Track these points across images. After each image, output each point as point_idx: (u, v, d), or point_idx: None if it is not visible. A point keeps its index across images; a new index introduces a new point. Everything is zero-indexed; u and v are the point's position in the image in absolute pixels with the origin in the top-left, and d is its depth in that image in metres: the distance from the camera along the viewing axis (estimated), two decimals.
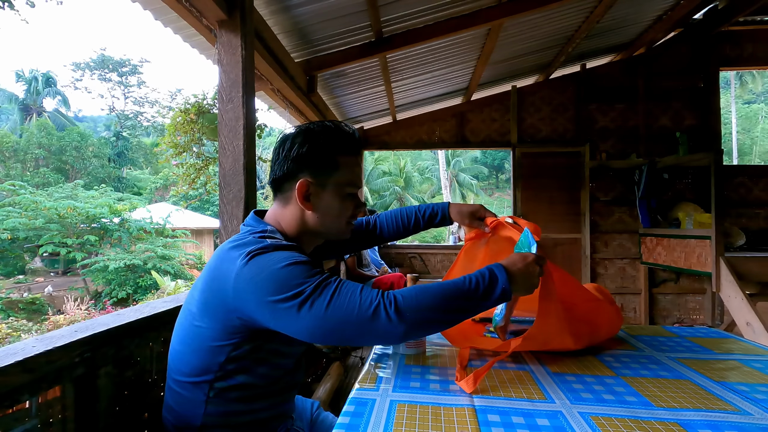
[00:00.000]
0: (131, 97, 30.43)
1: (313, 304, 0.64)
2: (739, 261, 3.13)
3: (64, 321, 7.46)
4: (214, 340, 0.74)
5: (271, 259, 0.69)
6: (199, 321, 0.76)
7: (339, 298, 0.65)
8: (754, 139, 25.05)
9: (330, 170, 0.80)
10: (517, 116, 4.47)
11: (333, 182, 0.81)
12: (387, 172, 22.59)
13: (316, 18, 2.30)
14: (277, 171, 0.81)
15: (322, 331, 0.65)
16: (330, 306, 0.64)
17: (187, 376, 0.77)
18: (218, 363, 0.75)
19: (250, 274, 0.68)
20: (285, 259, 0.69)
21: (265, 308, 0.67)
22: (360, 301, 0.64)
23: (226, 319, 0.72)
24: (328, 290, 0.66)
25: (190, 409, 0.78)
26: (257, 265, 0.69)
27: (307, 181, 0.79)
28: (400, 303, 0.64)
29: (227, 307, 0.71)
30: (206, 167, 1.97)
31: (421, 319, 0.65)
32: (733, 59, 4.23)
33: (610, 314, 0.95)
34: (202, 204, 19.33)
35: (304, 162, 0.79)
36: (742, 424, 0.58)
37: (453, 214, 1.05)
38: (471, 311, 0.69)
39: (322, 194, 0.81)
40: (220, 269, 0.74)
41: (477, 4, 2.64)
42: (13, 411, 0.70)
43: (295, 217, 0.82)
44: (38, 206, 10.30)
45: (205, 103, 1.85)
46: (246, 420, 0.80)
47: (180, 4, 1.50)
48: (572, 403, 0.64)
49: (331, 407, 1.87)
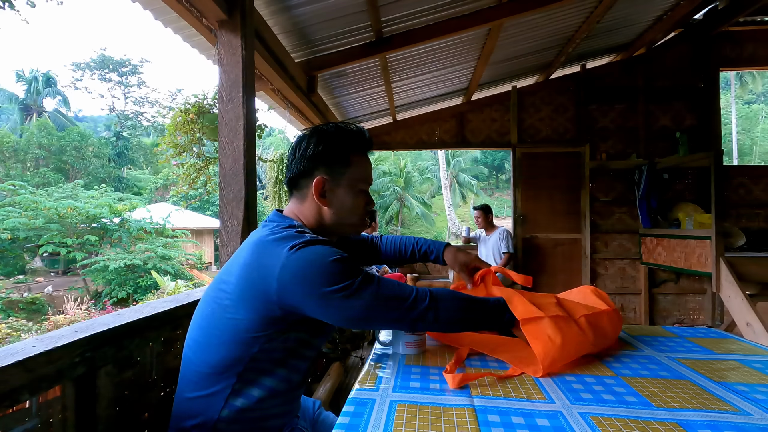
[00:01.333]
0: (131, 97, 30.46)
1: (363, 292, 0.72)
2: (739, 261, 3.13)
3: (64, 321, 7.46)
4: (250, 331, 0.75)
5: (318, 253, 0.73)
6: (233, 313, 0.76)
7: (382, 288, 0.74)
8: (754, 140, 25.06)
9: (344, 167, 0.85)
10: (517, 116, 4.47)
11: (347, 179, 0.86)
12: (387, 172, 22.59)
13: (316, 18, 2.30)
14: (294, 170, 0.86)
15: (367, 317, 0.73)
16: (378, 293, 0.73)
17: (213, 367, 0.77)
18: (251, 354, 0.76)
19: (298, 267, 0.72)
20: (332, 253, 0.74)
21: (315, 299, 0.71)
22: (400, 292, 0.75)
23: (267, 310, 0.74)
24: (373, 282, 0.74)
25: (207, 402, 0.78)
26: (304, 258, 0.73)
27: (323, 179, 0.84)
28: (434, 292, 0.77)
29: (269, 298, 0.73)
30: (206, 167, 1.97)
31: (450, 309, 0.77)
32: (733, 59, 4.23)
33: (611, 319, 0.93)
34: (202, 204, 19.32)
35: (320, 160, 0.84)
36: (742, 424, 0.58)
37: (447, 258, 1.09)
38: (485, 324, 0.82)
39: (337, 191, 0.86)
40: (260, 262, 0.75)
41: (477, 4, 2.64)
42: (13, 411, 0.70)
43: (313, 213, 0.87)
44: (38, 206, 10.31)
45: (205, 103, 1.86)
46: (257, 416, 0.80)
47: (180, 5, 1.50)
48: (572, 403, 0.64)
49: (331, 407, 1.87)
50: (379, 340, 0.94)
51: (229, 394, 0.77)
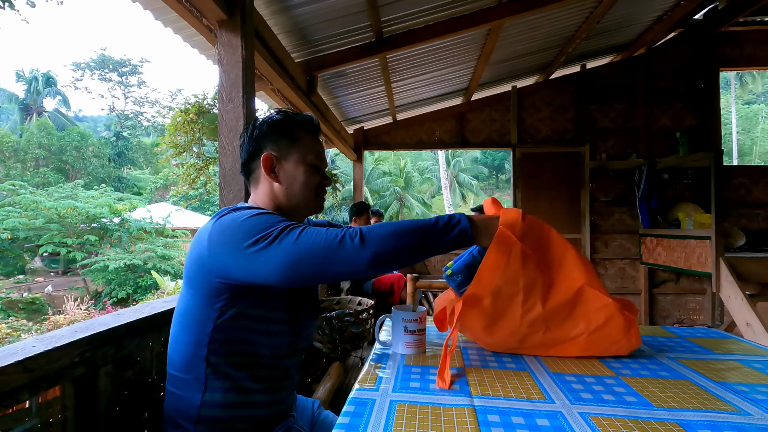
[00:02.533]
0: (131, 97, 30.45)
1: (282, 240, 0.69)
2: (739, 261, 3.13)
3: (64, 321, 7.46)
4: (199, 307, 0.77)
5: (239, 213, 0.75)
6: (185, 297, 0.80)
7: (306, 234, 0.69)
8: (754, 140, 25.06)
9: (291, 142, 0.87)
10: (517, 116, 4.47)
11: (295, 153, 0.87)
12: (387, 172, 22.59)
13: (317, 18, 2.30)
14: (243, 155, 0.89)
15: (292, 265, 0.68)
16: (298, 239, 0.68)
17: (184, 355, 0.79)
18: (207, 333, 0.77)
19: (221, 228, 0.74)
20: (252, 211, 0.75)
21: (238, 256, 0.71)
22: (326, 233, 0.69)
23: (207, 283, 0.76)
24: (295, 230, 0.70)
25: (188, 396, 0.79)
26: (227, 219, 0.75)
27: (270, 154, 0.85)
28: (364, 231, 0.69)
29: (206, 269, 0.75)
30: (206, 167, 1.96)
31: (385, 247, 0.68)
32: (733, 59, 4.23)
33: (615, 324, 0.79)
34: (202, 204, 19.32)
35: (265, 137, 0.86)
36: (742, 424, 0.58)
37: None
38: (431, 245, 0.72)
39: (286, 165, 0.87)
40: (197, 239, 0.79)
41: (477, 4, 2.64)
42: (13, 411, 0.70)
43: (267, 193, 0.87)
44: (38, 206, 10.31)
45: (205, 103, 1.85)
46: (240, 402, 0.80)
47: (180, 4, 1.50)
48: (572, 403, 0.64)
49: (331, 407, 1.87)
50: (379, 340, 0.94)
51: (206, 382, 0.78)
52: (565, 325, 0.80)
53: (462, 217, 0.75)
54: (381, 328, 0.96)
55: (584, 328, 0.79)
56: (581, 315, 0.80)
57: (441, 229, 0.72)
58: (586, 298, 0.80)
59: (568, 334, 0.80)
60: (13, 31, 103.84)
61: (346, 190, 15.67)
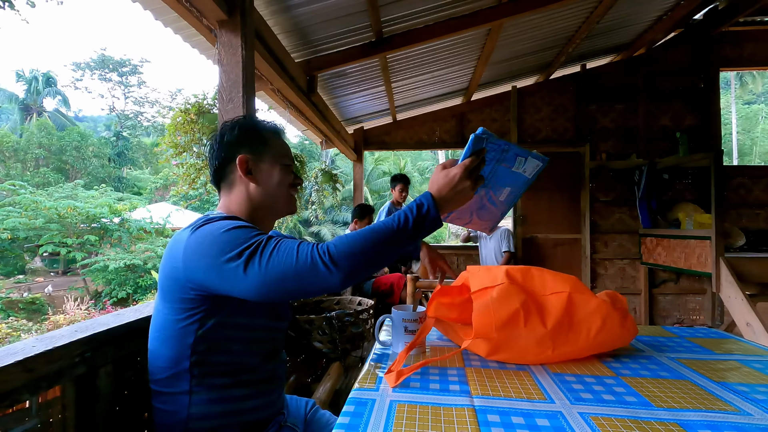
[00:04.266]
0: (131, 97, 30.42)
1: (254, 261, 0.68)
2: (739, 261, 3.13)
3: (64, 321, 7.46)
4: (178, 321, 0.76)
5: (215, 226, 0.74)
6: (161, 307, 0.79)
7: (278, 254, 0.68)
8: (754, 140, 25.04)
9: (262, 145, 0.89)
10: (517, 116, 4.47)
11: (268, 155, 0.89)
12: (387, 172, 22.56)
13: (316, 18, 2.30)
14: (215, 161, 0.88)
15: (265, 286, 0.68)
16: (270, 261, 0.67)
17: (166, 370, 0.78)
18: (188, 345, 0.76)
19: (197, 242, 0.73)
20: (227, 224, 0.74)
21: (212, 271, 0.70)
22: (297, 254, 0.67)
23: (183, 295, 0.75)
24: (267, 247, 0.69)
25: (174, 410, 0.78)
26: (202, 232, 0.74)
27: (245, 156, 0.86)
28: (332, 252, 0.66)
29: (180, 281, 0.74)
30: (206, 167, 1.96)
31: (356, 264, 0.67)
32: (733, 59, 4.23)
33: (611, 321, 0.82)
34: (202, 204, 19.28)
35: (239, 142, 0.87)
36: (742, 424, 0.58)
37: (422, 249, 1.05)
38: (405, 246, 0.70)
39: (261, 165, 0.88)
40: (170, 250, 0.78)
41: (477, 4, 2.64)
42: (13, 411, 0.70)
43: (242, 197, 0.87)
44: (38, 206, 10.30)
45: (205, 103, 1.85)
46: (229, 410, 0.80)
47: (180, 5, 1.50)
48: (572, 403, 0.64)
49: (331, 407, 1.87)
50: (379, 340, 0.94)
51: (189, 392, 0.77)
52: (570, 337, 0.80)
53: (428, 203, 0.71)
54: (381, 328, 0.96)
55: (587, 334, 0.80)
56: (580, 322, 0.80)
57: (412, 228, 0.69)
58: (578, 304, 0.81)
59: (575, 344, 0.80)
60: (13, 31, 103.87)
61: (346, 190, 15.68)
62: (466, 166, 0.72)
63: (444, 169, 0.74)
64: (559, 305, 0.80)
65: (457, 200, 0.73)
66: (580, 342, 0.80)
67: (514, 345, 0.79)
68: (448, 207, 0.73)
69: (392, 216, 0.71)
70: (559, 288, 0.82)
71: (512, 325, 0.78)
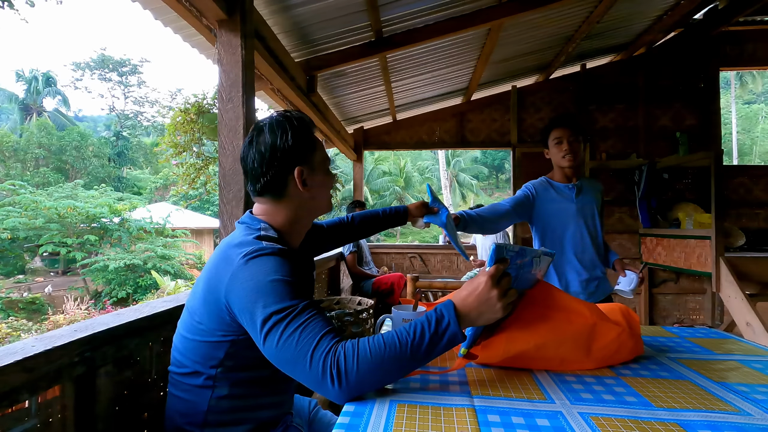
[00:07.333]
0: (131, 97, 30.43)
1: (274, 334, 0.66)
2: (739, 261, 3.13)
3: (64, 321, 7.46)
4: (212, 336, 0.77)
5: (264, 268, 0.72)
6: (199, 318, 0.79)
7: (296, 342, 0.65)
8: (754, 140, 25.05)
9: (312, 152, 0.86)
10: (517, 116, 4.47)
11: (317, 162, 0.87)
12: (387, 172, 22.58)
13: (316, 18, 2.30)
14: (269, 173, 0.82)
15: (275, 362, 0.69)
16: (286, 344, 0.65)
17: (191, 366, 0.79)
18: (218, 359, 0.77)
19: (244, 278, 0.72)
20: (275, 272, 0.71)
21: (244, 314, 0.70)
22: (310, 359, 0.63)
23: (220, 316, 0.75)
24: (293, 323, 0.66)
25: (194, 403, 0.79)
26: (251, 270, 0.72)
27: (301, 169, 0.83)
28: (342, 374, 0.62)
29: (220, 304, 0.74)
30: (206, 167, 1.97)
31: (366, 387, 0.64)
32: (734, 59, 4.23)
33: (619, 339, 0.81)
34: (202, 204, 19.32)
35: (293, 151, 0.82)
36: (742, 424, 0.58)
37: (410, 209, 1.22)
38: (418, 365, 0.66)
39: (314, 175, 0.86)
40: (218, 268, 0.77)
41: (477, 4, 2.64)
42: (12, 411, 0.70)
43: (293, 207, 0.86)
44: (38, 206, 10.31)
45: (205, 103, 1.86)
46: (247, 406, 0.82)
47: (180, 4, 1.50)
48: (572, 403, 0.64)
49: (331, 407, 1.87)
50: None
51: (213, 390, 0.79)
52: (583, 360, 0.79)
53: (450, 317, 0.65)
54: (381, 328, 0.96)
55: (599, 357, 0.79)
56: (599, 349, 0.79)
57: (428, 345, 0.64)
58: (601, 333, 0.79)
59: (583, 364, 0.79)
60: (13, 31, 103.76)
61: (346, 189, 15.69)
62: (492, 274, 0.67)
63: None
64: (582, 331, 0.78)
65: (482, 311, 0.67)
66: (588, 363, 0.80)
67: (527, 361, 0.79)
68: (472, 318, 0.67)
69: (411, 325, 0.65)
70: (586, 314, 0.80)
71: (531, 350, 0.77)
